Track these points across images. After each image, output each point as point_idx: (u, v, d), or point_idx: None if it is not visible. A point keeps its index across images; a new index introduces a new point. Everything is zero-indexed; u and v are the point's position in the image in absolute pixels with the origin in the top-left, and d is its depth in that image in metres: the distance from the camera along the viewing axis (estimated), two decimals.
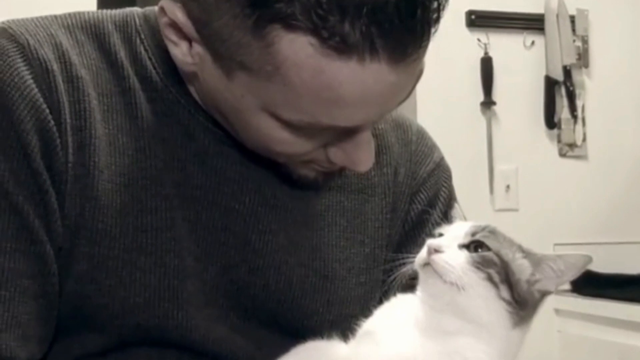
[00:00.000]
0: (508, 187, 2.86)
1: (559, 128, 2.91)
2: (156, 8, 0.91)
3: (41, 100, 0.81)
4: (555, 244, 2.87)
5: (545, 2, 2.92)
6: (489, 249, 0.77)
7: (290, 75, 0.72)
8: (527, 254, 0.79)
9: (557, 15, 2.92)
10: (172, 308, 0.83)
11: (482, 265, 0.76)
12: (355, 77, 0.72)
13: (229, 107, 0.81)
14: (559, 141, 2.93)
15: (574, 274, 0.79)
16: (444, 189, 1.03)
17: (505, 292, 0.76)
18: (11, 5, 2.42)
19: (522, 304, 0.76)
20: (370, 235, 0.96)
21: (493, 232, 0.79)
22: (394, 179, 1.00)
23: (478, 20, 2.84)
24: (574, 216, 2.91)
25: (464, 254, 0.77)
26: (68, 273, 0.82)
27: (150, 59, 0.88)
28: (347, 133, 0.80)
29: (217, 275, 0.87)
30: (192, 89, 0.88)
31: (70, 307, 0.82)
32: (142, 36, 0.89)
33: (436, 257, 0.77)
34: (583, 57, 2.95)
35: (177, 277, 0.84)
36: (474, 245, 0.77)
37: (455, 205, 1.05)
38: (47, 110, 0.81)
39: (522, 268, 0.78)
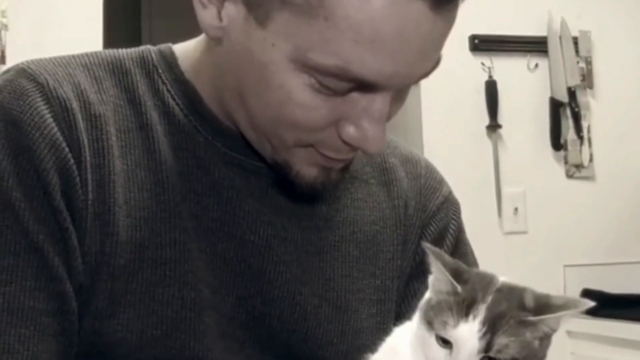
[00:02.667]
0: (516, 209, 2.86)
1: (566, 149, 2.92)
2: (170, 44, 0.94)
3: (61, 139, 0.81)
4: (565, 265, 2.87)
5: (548, 24, 2.93)
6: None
7: (335, 7, 0.74)
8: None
9: (560, 37, 2.94)
10: (189, 340, 0.83)
11: None
12: (398, 13, 0.74)
13: (253, 69, 0.81)
14: (566, 162, 2.93)
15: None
16: (453, 221, 1.04)
17: None
18: (21, 37, 2.45)
19: None
20: (382, 266, 0.97)
21: (508, 332, 0.76)
22: (404, 212, 1.00)
23: (481, 44, 2.85)
24: (583, 237, 2.91)
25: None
26: (87, 310, 0.82)
27: (169, 91, 0.90)
28: (366, 101, 0.80)
29: (233, 306, 0.87)
30: (204, 91, 0.89)
31: (86, 343, 0.82)
32: (160, 70, 0.91)
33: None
34: (587, 78, 2.96)
35: (193, 310, 0.84)
36: (490, 348, 0.75)
37: (465, 237, 1.05)
38: (67, 149, 0.81)
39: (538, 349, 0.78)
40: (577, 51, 2.95)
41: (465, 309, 0.77)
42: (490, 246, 2.75)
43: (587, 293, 2.85)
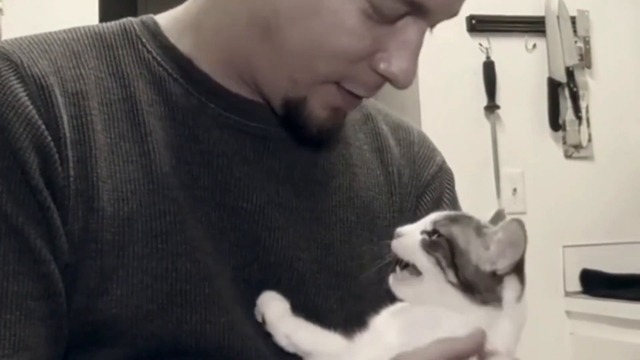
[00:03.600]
0: (515, 190, 2.86)
1: (564, 130, 2.91)
2: (151, 15, 0.93)
3: (37, 117, 0.80)
4: (564, 246, 2.87)
5: (546, 4, 2.92)
6: (442, 234, 0.80)
7: None
8: (484, 236, 0.80)
9: (558, 17, 2.93)
10: (186, 313, 0.83)
11: (430, 249, 0.79)
12: None
13: (303, 1, 0.81)
14: (564, 143, 2.93)
15: (515, 250, 0.80)
16: (447, 190, 1.04)
17: (451, 276, 0.78)
18: (16, 21, 2.44)
19: (470, 287, 0.78)
20: (379, 233, 0.96)
21: (456, 218, 0.81)
22: (399, 180, 1.00)
23: (479, 25, 2.84)
24: (581, 217, 2.91)
25: (418, 239, 0.80)
26: (76, 288, 0.81)
27: (155, 58, 0.89)
28: (407, 33, 0.82)
29: (230, 276, 0.86)
30: (198, 51, 0.89)
31: (80, 323, 0.81)
32: (144, 40, 0.90)
33: (395, 241, 0.81)
34: (585, 58, 2.95)
35: (189, 281, 0.83)
36: (433, 232, 0.80)
37: (459, 207, 1.05)
38: (44, 127, 0.80)
39: (474, 252, 0.79)
40: (575, 31, 2.94)
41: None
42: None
43: (586, 273, 2.86)
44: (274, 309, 0.85)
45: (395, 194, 0.99)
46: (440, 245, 0.79)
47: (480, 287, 0.78)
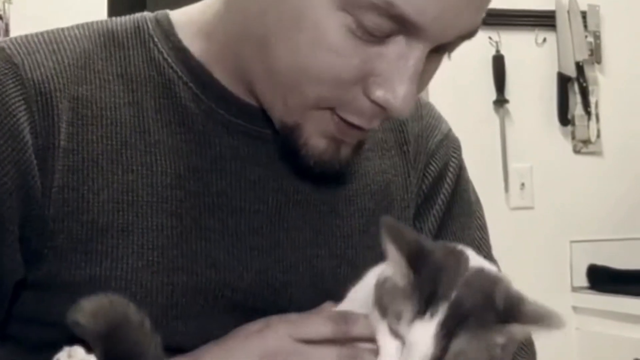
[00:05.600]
0: (523, 185, 2.86)
1: (573, 125, 2.91)
2: (167, 11, 0.90)
3: (23, 126, 0.79)
4: (572, 241, 2.87)
5: None
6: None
7: None
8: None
9: (568, 12, 2.92)
10: (182, 325, 0.81)
11: None
12: None
13: (285, 7, 0.77)
14: (573, 138, 2.92)
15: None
16: (453, 159, 1.01)
17: None
18: (24, 10, 2.44)
19: None
20: (397, 216, 0.94)
21: (468, 336, 0.68)
22: (414, 158, 0.98)
23: (489, 18, 2.80)
24: (589, 213, 2.90)
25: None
26: (67, 299, 0.78)
27: (165, 60, 0.87)
28: (401, 55, 0.76)
29: (252, 281, 0.85)
30: (208, 56, 0.86)
31: (65, 330, 0.77)
32: (156, 39, 0.87)
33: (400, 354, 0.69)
34: (595, 53, 2.94)
35: (186, 295, 0.82)
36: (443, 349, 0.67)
37: (466, 175, 1.03)
38: (28, 137, 0.79)
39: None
40: (585, 26, 2.93)
41: (423, 304, 0.68)
42: (496, 221, 2.74)
43: (593, 269, 2.86)
44: None
45: (412, 174, 0.97)
46: None
47: None
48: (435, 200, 0.99)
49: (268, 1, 0.78)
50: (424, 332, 0.67)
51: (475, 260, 0.73)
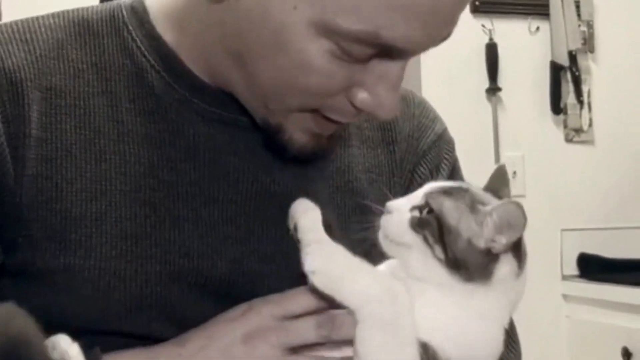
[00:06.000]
0: (515, 173, 2.86)
1: (565, 113, 2.91)
2: None
3: None
4: (563, 230, 2.88)
5: None
6: (432, 208, 0.78)
7: None
8: (478, 212, 0.78)
9: (562, 0, 2.91)
10: (156, 314, 0.81)
11: (419, 226, 0.77)
12: None
13: (267, 31, 0.76)
14: (565, 127, 2.92)
15: (513, 231, 0.77)
16: (445, 160, 1.01)
17: (438, 252, 0.77)
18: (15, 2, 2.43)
19: (458, 263, 0.76)
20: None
21: (450, 191, 0.79)
22: (400, 158, 0.98)
23: (482, 6, 2.83)
24: (581, 201, 2.91)
25: (407, 216, 0.78)
26: (41, 286, 0.80)
27: (139, 48, 0.86)
28: (384, 68, 0.78)
29: (226, 270, 0.85)
30: (182, 46, 0.85)
31: (45, 320, 0.76)
32: (130, 27, 0.87)
33: (383, 220, 0.79)
34: (588, 42, 2.94)
35: (159, 284, 0.82)
36: (424, 205, 0.78)
37: (460, 175, 1.03)
38: (0, 125, 0.79)
39: (465, 228, 0.77)
40: (578, 15, 2.92)
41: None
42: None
43: (583, 257, 2.87)
44: (308, 218, 0.81)
45: (397, 174, 0.97)
46: (429, 223, 0.77)
47: (470, 263, 0.76)
48: None
49: (245, 21, 0.78)
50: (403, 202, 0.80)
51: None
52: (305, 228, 0.79)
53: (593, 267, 2.82)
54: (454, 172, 1.02)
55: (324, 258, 0.77)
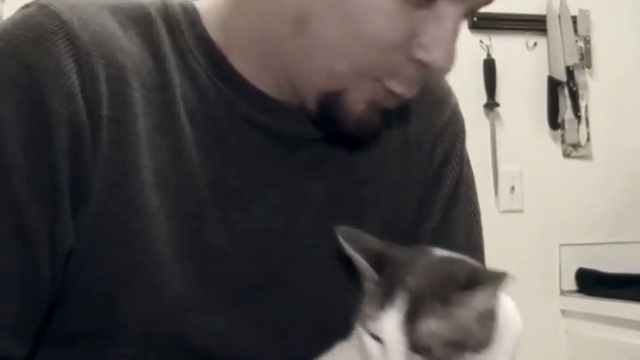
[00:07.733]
0: (513, 188, 2.86)
1: (563, 129, 2.91)
2: None
3: (77, 89, 0.76)
4: (561, 245, 2.87)
5: (547, 3, 2.92)
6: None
7: None
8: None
9: (559, 16, 2.92)
10: (203, 315, 0.81)
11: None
12: None
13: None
14: (563, 142, 2.93)
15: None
16: (457, 145, 1.08)
17: None
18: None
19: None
20: (409, 220, 0.94)
21: (434, 315, 0.68)
22: (416, 141, 0.99)
23: (480, 22, 2.84)
24: (579, 216, 2.91)
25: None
26: (98, 274, 0.78)
27: (191, 51, 0.85)
28: (443, 19, 0.79)
29: (262, 276, 0.84)
30: (233, 48, 0.85)
31: (94, 310, 0.78)
32: (182, 26, 0.86)
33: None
34: (585, 58, 2.95)
35: (200, 284, 0.81)
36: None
37: (467, 171, 1.06)
38: (82, 102, 0.76)
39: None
40: (576, 30, 2.94)
41: (383, 297, 0.69)
42: (486, 224, 2.75)
43: (582, 272, 2.86)
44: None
45: (410, 157, 0.97)
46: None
47: None
48: (442, 186, 1.01)
49: None
50: (390, 323, 0.68)
51: (441, 251, 0.75)
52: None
53: (592, 283, 2.82)
54: (462, 160, 1.08)
55: None
